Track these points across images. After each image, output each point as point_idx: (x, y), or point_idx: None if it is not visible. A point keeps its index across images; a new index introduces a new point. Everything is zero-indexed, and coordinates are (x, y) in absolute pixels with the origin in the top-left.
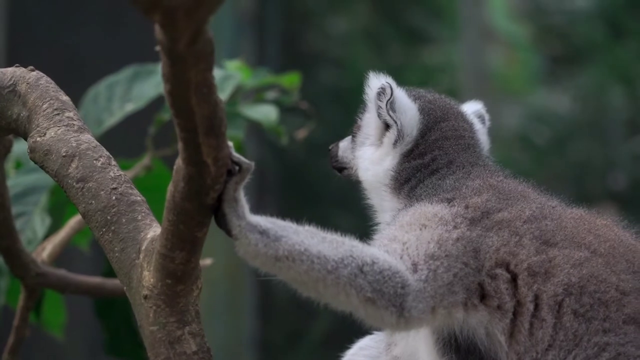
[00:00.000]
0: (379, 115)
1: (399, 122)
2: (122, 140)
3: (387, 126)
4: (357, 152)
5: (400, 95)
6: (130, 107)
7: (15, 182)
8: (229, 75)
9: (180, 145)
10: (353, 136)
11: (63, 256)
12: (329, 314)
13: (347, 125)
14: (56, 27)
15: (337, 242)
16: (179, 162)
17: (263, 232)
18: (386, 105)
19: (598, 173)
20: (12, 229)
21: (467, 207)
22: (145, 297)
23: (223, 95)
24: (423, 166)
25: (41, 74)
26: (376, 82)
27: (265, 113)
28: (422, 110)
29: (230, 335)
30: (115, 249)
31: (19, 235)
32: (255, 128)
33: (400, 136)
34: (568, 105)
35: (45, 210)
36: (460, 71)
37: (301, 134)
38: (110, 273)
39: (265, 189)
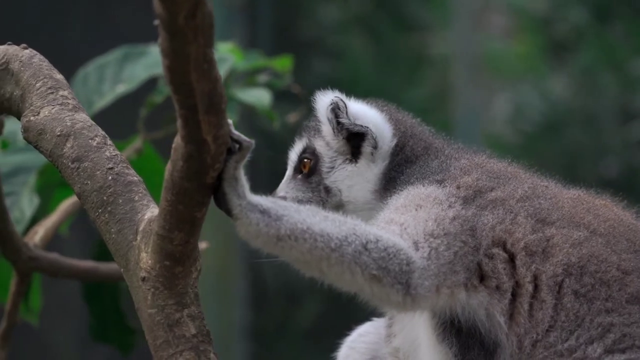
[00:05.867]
0: (340, 130)
1: (369, 127)
2: (110, 122)
3: (349, 138)
4: (331, 179)
5: (352, 103)
6: (121, 89)
7: (2, 161)
8: (223, 57)
9: (179, 123)
10: (310, 171)
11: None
12: (315, 301)
13: None
14: (41, 20)
15: (340, 220)
16: (177, 140)
17: (264, 212)
18: (347, 116)
19: (590, 160)
20: (4, 211)
21: (458, 186)
22: (143, 279)
23: None
24: (404, 159)
25: (34, 52)
26: (325, 99)
27: (259, 97)
28: (374, 106)
29: (221, 324)
30: (112, 230)
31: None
32: (246, 114)
33: (375, 139)
34: (561, 91)
35: (33, 191)
36: (454, 59)
37: (293, 118)
38: (100, 256)
39: (257, 177)
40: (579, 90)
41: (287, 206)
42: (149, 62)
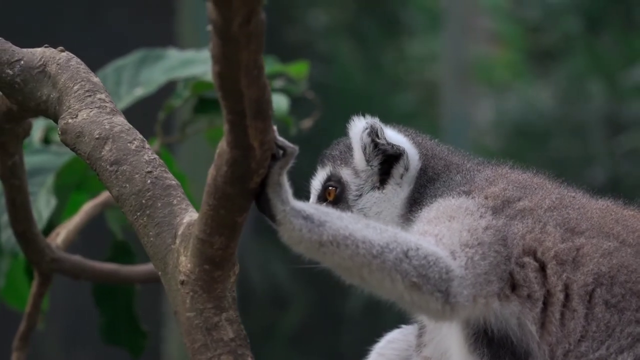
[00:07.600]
0: (376, 154)
1: (404, 148)
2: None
3: (381, 163)
4: (358, 206)
5: (385, 128)
6: (139, 92)
7: None
8: None
9: (226, 128)
10: (336, 199)
11: None
12: (301, 306)
13: (330, 119)
14: (33, 21)
15: (381, 228)
16: (222, 145)
17: (307, 217)
18: (385, 140)
19: (576, 169)
20: (29, 213)
21: (486, 197)
22: (182, 282)
23: None
24: (427, 180)
25: (71, 55)
26: (360, 124)
27: (276, 102)
28: (399, 130)
29: None
30: (150, 233)
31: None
32: None
33: (408, 161)
34: (549, 100)
35: (51, 192)
36: (441, 63)
37: (306, 123)
38: (113, 258)
39: None
40: (565, 99)
41: (330, 212)
42: (167, 65)
